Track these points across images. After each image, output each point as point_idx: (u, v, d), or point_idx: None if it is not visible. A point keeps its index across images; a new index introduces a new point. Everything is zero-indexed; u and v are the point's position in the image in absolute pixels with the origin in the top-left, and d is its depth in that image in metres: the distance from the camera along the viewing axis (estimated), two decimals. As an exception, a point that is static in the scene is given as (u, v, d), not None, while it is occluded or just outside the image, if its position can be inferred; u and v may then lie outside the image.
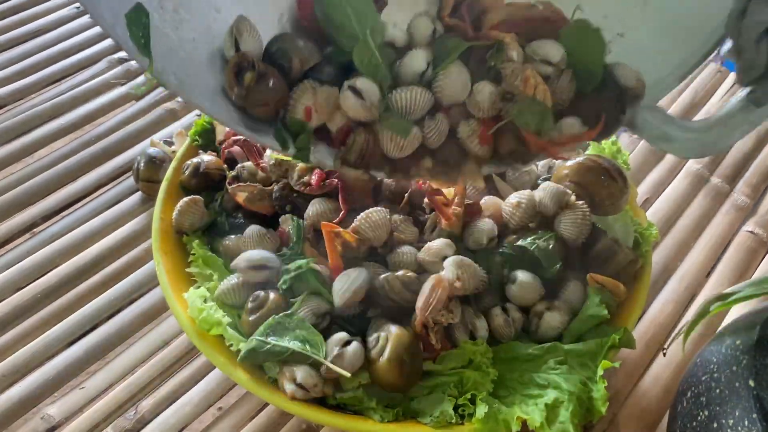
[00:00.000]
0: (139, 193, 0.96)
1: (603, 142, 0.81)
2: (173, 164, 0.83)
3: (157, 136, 1.03)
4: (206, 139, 0.86)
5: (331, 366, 0.60)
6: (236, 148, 0.79)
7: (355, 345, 0.61)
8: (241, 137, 0.79)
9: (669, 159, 1.07)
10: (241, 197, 0.75)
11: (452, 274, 0.64)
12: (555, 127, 0.57)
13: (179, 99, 1.09)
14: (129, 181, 0.97)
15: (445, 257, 0.66)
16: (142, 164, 0.92)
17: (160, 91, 1.14)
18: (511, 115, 0.57)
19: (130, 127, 1.05)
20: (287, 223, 0.72)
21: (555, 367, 0.64)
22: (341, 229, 0.66)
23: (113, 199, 0.96)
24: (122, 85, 1.15)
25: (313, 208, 0.71)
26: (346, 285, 0.64)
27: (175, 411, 0.73)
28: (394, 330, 0.62)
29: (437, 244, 0.68)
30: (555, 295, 0.69)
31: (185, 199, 0.75)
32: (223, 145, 0.80)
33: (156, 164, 0.92)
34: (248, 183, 0.75)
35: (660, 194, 0.98)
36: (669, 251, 0.94)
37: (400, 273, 0.65)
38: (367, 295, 0.64)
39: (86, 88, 1.13)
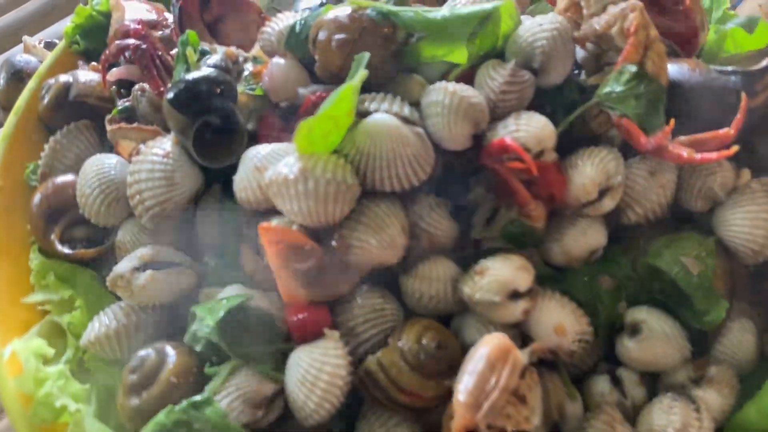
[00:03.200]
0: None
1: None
2: (30, 84, 0.63)
3: (39, 36, 0.82)
4: (94, 40, 0.66)
5: None
6: (127, 67, 0.57)
7: None
8: (132, 40, 0.56)
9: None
10: (125, 149, 0.51)
11: (550, 330, 0.43)
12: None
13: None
14: (-8, 108, 0.79)
15: (516, 293, 0.44)
16: (2, 82, 0.74)
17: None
18: (599, 95, 0.47)
19: (5, 19, 0.86)
20: (209, 203, 0.48)
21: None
22: (298, 233, 0.43)
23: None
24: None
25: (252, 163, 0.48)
26: (313, 399, 0.42)
27: None
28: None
29: (503, 267, 0.44)
30: (703, 347, 0.50)
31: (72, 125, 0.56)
32: (103, 55, 0.58)
33: (24, 83, 0.69)
34: (138, 125, 0.53)
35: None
36: None
37: (405, 343, 0.43)
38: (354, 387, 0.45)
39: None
